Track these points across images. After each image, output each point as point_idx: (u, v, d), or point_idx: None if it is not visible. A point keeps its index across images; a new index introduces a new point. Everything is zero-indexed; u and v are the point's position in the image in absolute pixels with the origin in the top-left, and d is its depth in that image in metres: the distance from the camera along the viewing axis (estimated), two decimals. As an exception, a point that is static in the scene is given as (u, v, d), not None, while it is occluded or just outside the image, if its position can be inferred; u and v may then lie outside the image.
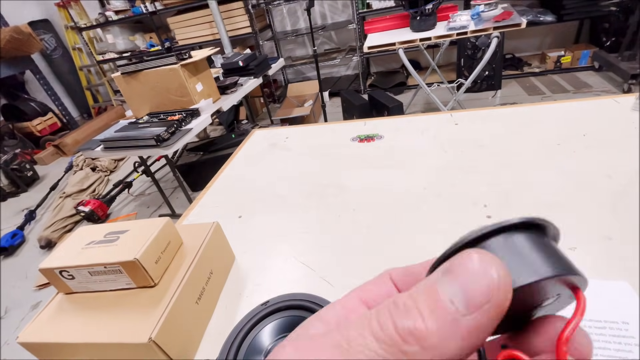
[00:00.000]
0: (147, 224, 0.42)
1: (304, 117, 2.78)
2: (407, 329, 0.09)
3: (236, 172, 0.83)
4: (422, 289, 0.10)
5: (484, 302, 0.10)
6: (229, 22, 3.03)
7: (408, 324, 0.09)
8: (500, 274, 0.10)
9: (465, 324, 0.09)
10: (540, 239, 0.12)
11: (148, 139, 1.49)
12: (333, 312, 0.14)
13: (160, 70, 1.64)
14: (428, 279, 0.11)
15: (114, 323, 0.35)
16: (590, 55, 2.72)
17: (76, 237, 0.42)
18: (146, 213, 2.24)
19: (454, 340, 0.09)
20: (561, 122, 0.72)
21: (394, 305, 0.10)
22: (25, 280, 1.89)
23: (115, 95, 4.20)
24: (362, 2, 3.02)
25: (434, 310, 0.10)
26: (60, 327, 0.36)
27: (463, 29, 1.76)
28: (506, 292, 0.10)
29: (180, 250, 0.44)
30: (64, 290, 0.40)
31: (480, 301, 0.10)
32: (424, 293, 0.10)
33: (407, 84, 3.21)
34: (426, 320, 0.09)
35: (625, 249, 0.43)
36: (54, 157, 3.48)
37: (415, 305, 0.10)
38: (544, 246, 0.12)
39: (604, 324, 0.34)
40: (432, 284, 0.10)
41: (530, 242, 0.12)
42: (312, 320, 0.13)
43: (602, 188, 0.53)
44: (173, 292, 0.37)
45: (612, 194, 0.51)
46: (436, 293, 0.10)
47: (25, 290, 1.82)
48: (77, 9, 3.78)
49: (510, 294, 0.10)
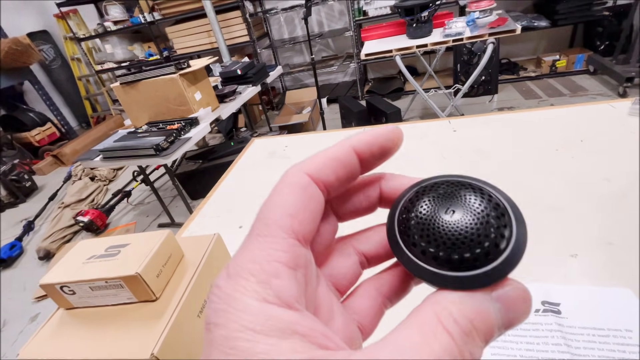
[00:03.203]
0: (148, 237, 0.42)
1: (302, 124, 2.79)
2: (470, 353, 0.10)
3: (236, 182, 0.83)
4: (478, 315, 0.11)
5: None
6: (227, 31, 3.05)
7: (474, 350, 0.11)
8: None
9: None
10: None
11: (147, 148, 1.49)
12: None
13: (160, 79, 1.64)
14: (482, 301, 0.11)
15: (116, 339, 0.35)
16: (585, 59, 2.75)
17: (77, 252, 0.42)
18: (145, 222, 2.23)
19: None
20: (558, 127, 0.72)
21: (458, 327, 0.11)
22: (23, 292, 1.88)
23: (114, 104, 4.22)
24: (359, 10, 3.05)
25: (487, 340, 0.11)
26: (62, 344, 0.36)
27: (459, 35, 1.78)
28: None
29: (181, 263, 0.43)
30: (65, 305, 0.40)
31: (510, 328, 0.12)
32: (481, 322, 0.11)
33: (404, 90, 3.23)
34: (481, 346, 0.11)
35: (626, 255, 0.43)
36: (53, 167, 3.47)
37: (474, 332, 0.11)
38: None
39: (607, 332, 0.34)
40: (487, 313, 0.11)
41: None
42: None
43: (601, 192, 0.53)
44: (175, 306, 0.37)
45: (611, 198, 0.52)
46: (492, 327, 0.11)
47: (23, 302, 1.80)
48: (75, 19, 3.81)
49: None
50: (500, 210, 0.12)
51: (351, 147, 0.14)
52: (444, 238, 0.12)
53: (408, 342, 0.10)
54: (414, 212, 0.13)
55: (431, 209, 0.13)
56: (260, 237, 0.12)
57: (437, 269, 0.12)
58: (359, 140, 0.14)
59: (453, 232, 0.12)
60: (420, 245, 0.12)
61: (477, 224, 0.12)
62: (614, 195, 0.52)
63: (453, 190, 0.13)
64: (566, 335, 0.35)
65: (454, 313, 0.11)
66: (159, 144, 1.48)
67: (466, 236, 0.12)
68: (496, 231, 0.12)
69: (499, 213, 0.12)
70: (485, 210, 0.12)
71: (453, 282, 0.11)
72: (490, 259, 0.11)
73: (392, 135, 0.14)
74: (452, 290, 0.11)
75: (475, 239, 0.12)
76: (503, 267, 0.11)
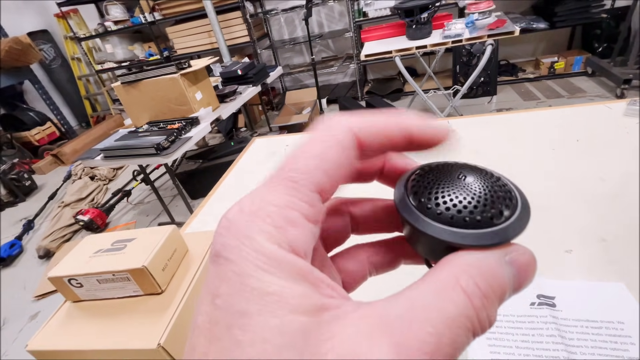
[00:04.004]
0: (153, 231, 0.43)
1: (302, 124, 2.80)
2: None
3: (237, 181, 0.84)
4: (495, 278, 0.11)
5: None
6: (227, 32, 3.06)
7: (491, 312, 0.11)
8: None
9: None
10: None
11: (148, 148, 1.50)
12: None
13: (161, 79, 1.65)
14: (499, 264, 0.11)
15: (123, 330, 0.36)
16: (583, 61, 2.77)
17: (83, 246, 0.43)
18: (145, 221, 2.23)
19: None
20: (555, 127, 0.74)
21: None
22: (23, 290, 1.88)
23: (114, 104, 4.22)
24: (359, 11, 3.06)
25: (501, 303, 0.11)
26: (69, 334, 0.37)
27: (458, 37, 1.80)
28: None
29: (186, 258, 0.44)
30: (72, 298, 0.41)
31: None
32: (498, 285, 0.11)
33: (404, 91, 3.24)
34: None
35: (619, 250, 0.44)
36: (53, 167, 3.47)
37: (493, 295, 0.11)
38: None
39: (600, 324, 0.35)
40: (503, 276, 0.11)
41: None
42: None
43: (595, 191, 0.54)
44: (180, 298, 0.38)
45: (605, 196, 0.53)
46: (506, 290, 0.11)
47: (23, 301, 1.80)
48: (76, 19, 3.82)
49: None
50: (502, 181, 0.14)
51: (405, 128, 0.13)
52: (460, 197, 0.13)
53: (422, 302, 0.10)
54: (428, 178, 0.14)
55: (445, 175, 0.14)
56: (288, 181, 0.12)
57: (454, 228, 0.12)
58: (415, 126, 0.14)
59: (468, 192, 0.13)
60: (436, 206, 0.13)
61: (488, 187, 0.13)
62: (608, 194, 0.53)
63: (460, 165, 0.14)
64: (560, 327, 0.36)
65: (475, 276, 0.11)
66: (159, 144, 1.49)
67: (480, 196, 0.13)
68: (506, 195, 0.13)
69: (502, 183, 0.14)
70: (492, 179, 0.14)
71: (472, 238, 0.12)
72: (503, 219, 0.12)
73: (442, 135, 0.14)
74: (469, 250, 0.12)
75: (489, 199, 0.13)
76: (516, 225, 0.12)
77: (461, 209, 0.12)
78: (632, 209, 0.49)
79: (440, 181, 0.14)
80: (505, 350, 0.35)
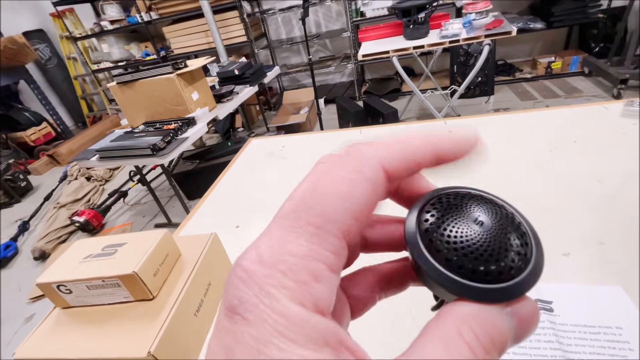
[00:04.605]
0: (144, 236, 0.42)
1: (299, 124, 2.79)
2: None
3: (233, 182, 0.83)
4: (496, 330, 0.11)
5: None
6: (224, 31, 3.05)
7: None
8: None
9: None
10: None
11: (144, 148, 1.49)
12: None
13: (157, 79, 1.64)
14: (499, 316, 0.11)
15: (113, 337, 0.35)
16: (580, 61, 2.77)
17: (73, 251, 0.42)
18: (142, 222, 2.22)
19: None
20: (552, 128, 0.73)
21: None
22: (18, 292, 1.86)
23: (111, 104, 4.20)
24: (356, 10, 3.06)
25: (501, 354, 0.11)
26: (58, 343, 0.36)
27: (455, 37, 1.79)
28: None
29: (178, 262, 0.44)
30: (61, 304, 0.40)
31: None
32: (498, 337, 0.11)
33: (401, 91, 3.24)
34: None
35: (617, 253, 0.44)
36: (48, 167, 3.45)
37: (493, 347, 0.11)
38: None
39: (598, 329, 0.35)
40: (503, 328, 0.11)
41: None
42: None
43: (593, 193, 0.54)
44: (172, 304, 0.37)
45: (602, 198, 0.53)
46: (507, 342, 0.11)
47: (18, 303, 1.79)
48: (72, 18, 3.79)
49: None
50: (522, 229, 0.13)
51: (435, 149, 0.13)
52: (472, 246, 0.12)
53: (432, 357, 0.10)
54: (442, 215, 0.13)
55: (459, 213, 0.13)
56: (311, 227, 0.11)
57: (460, 279, 0.12)
58: (445, 144, 0.13)
59: (482, 243, 0.12)
60: (446, 251, 0.12)
61: (502, 235, 0.12)
62: (606, 196, 0.53)
63: (478, 202, 0.13)
64: (558, 332, 0.35)
65: (475, 328, 0.10)
66: (155, 144, 1.48)
67: (494, 249, 0.12)
68: (520, 249, 0.12)
69: (521, 232, 0.13)
70: (511, 227, 0.12)
71: (477, 293, 0.11)
72: (513, 274, 0.12)
73: (470, 147, 0.14)
74: (471, 302, 0.11)
75: (502, 253, 0.12)
76: (523, 284, 0.12)
77: (472, 259, 0.12)
78: (629, 211, 0.49)
79: (453, 221, 0.13)
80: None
